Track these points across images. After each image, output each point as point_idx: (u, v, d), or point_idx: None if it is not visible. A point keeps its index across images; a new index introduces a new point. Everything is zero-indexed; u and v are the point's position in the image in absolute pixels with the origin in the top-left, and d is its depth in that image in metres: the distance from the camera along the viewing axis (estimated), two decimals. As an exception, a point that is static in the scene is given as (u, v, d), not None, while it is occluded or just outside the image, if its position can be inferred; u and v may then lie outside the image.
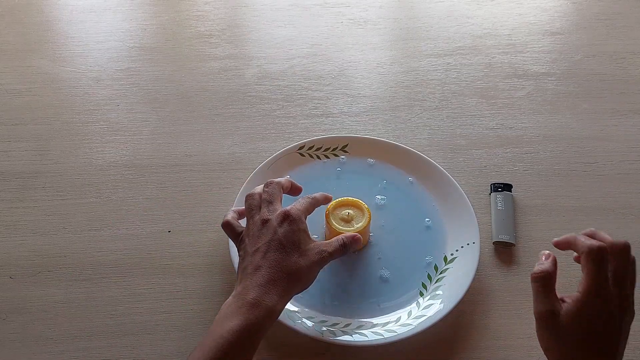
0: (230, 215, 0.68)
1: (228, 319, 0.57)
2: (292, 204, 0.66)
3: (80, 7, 1.11)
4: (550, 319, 0.54)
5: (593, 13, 1.09)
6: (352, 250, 0.68)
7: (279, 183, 0.68)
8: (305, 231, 0.64)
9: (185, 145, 0.89)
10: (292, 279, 0.61)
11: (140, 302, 0.73)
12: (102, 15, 1.09)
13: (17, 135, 0.90)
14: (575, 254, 0.59)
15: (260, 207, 0.65)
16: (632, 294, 0.55)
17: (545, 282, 0.55)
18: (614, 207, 0.82)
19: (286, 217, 0.63)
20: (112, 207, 0.81)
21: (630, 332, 0.70)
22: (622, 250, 0.55)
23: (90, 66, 1.00)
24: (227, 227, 0.67)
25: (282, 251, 0.61)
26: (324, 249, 0.64)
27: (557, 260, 0.58)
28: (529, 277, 0.57)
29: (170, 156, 0.87)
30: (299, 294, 0.63)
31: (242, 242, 0.64)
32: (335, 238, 0.66)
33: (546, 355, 0.56)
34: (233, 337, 0.56)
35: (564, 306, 0.54)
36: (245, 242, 0.64)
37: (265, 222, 0.63)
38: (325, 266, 0.64)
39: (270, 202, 0.65)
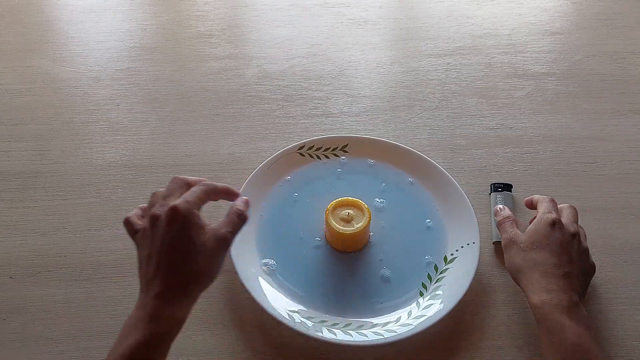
0: (132, 212, 0.63)
1: (127, 336, 0.55)
2: (183, 195, 0.60)
3: (80, 7, 1.11)
4: (514, 242, 0.69)
5: (593, 13, 1.09)
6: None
7: (183, 179, 0.63)
8: (197, 224, 0.58)
9: (185, 145, 0.89)
10: (192, 280, 0.57)
11: (140, 302, 0.73)
12: (102, 15, 1.09)
13: (17, 135, 0.90)
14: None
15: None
16: (585, 245, 0.70)
17: (510, 221, 0.72)
18: (614, 207, 0.82)
19: (174, 213, 0.57)
20: (112, 207, 0.81)
21: (630, 332, 0.71)
22: (571, 206, 0.72)
23: (90, 66, 1.00)
24: (127, 224, 0.61)
25: (175, 254, 0.57)
26: (222, 230, 0.59)
27: None
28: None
29: (170, 156, 0.87)
30: (300, 293, 0.62)
31: (137, 242, 0.61)
32: (229, 212, 0.62)
33: (515, 280, 0.68)
34: (132, 354, 0.54)
35: (525, 232, 0.70)
36: (141, 243, 0.60)
37: (155, 219, 0.58)
38: (325, 264, 0.63)
39: (165, 197, 0.60)
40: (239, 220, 0.61)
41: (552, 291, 0.63)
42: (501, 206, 0.76)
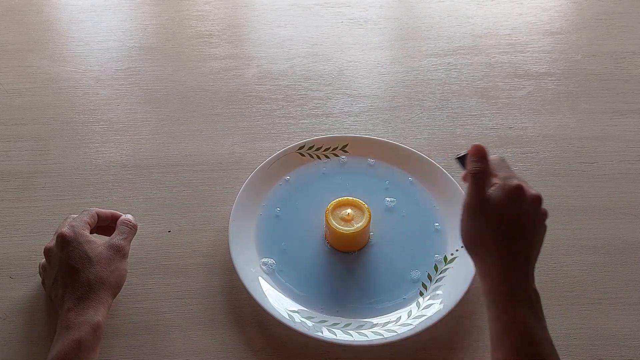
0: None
1: (50, 351, 0.60)
2: (69, 222, 0.67)
3: (80, 7, 1.11)
4: (480, 206, 0.58)
5: (593, 13, 1.09)
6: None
7: (76, 218, 0.69)
8: (87, 241, 0.65)
9: (185, 145, 0.89)
10: (96, 286, 0.63)
11: (140, 302, 0.73)
12: (102, 15, 1.09)
13: (17, 135, 0.90)
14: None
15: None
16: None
17: (481, 176, 0.60)
18: (614, 207, 0.82)
19: (62, 240, 0.65)
20: (112, 207, 0.80)
21: (630, 332, 0.71)
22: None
23: (90, 66, 1.00)
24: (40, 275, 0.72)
25: (73, 270, 0.63)
26: (114, 240, 0.67)
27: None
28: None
29: (170, 156, 0.87)
30: (300, 293, 0.62)
31: (43, 278, 0.70)
32: (117, 225, 0.69)
33: (468, 248, 0.61)
34: None
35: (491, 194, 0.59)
36: (46, 276, 0.68)
37: (48, 252, 0.66)
38: (325, 264, 0.63)
39: (55, 233, 0.67)
40: (129, 228, 0.69)
41: (509, 281, 0.57)
42: (477, 148, 0.63)
